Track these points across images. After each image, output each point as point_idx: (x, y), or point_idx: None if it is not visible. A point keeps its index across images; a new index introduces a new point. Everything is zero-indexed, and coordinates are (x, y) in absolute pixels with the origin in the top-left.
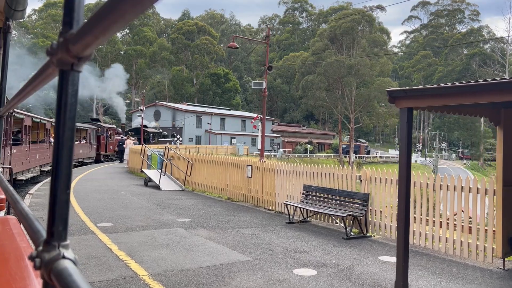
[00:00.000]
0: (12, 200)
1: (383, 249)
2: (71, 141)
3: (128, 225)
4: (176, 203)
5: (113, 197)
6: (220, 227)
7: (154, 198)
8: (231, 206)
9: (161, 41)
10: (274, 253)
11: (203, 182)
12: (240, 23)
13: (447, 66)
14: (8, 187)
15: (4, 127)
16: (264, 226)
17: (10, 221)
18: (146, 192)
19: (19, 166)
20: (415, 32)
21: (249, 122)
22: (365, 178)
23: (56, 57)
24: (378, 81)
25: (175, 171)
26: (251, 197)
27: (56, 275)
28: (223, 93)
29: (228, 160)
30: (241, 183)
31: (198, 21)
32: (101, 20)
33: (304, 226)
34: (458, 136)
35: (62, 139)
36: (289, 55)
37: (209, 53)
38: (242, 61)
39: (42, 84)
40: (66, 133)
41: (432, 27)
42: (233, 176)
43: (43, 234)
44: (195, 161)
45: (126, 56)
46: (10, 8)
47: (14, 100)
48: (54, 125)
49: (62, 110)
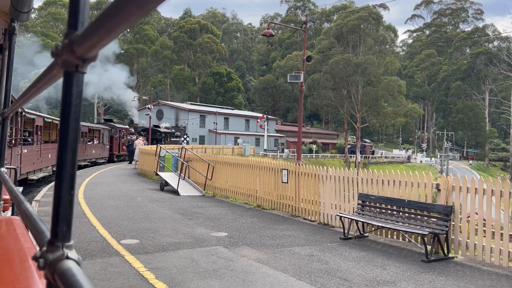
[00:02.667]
0: (17, 200)
1: (481, 276)
2: (75, 142)
3: (157, 241)
4: (201, 211)
5: (130, 204)
6: (267, 245)
7: (175, 206)
8: (265, 216)
9: (163, 39)
10: (354, 284)
11: (225, 187)
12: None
13: (451, 65)
14: (13, 188)
15: (13, 127)
16: (317, 243)
17: (14, 221)
18: (164, 198)
19: (30, 166)
20: (418, 31)
21: (253, 122)
22: (446, 187)
23: (61, 59)
24: (386, 80)
25: (192, 174)
26: (286, 205)
27: (60, 276)
28: (225, 92)
29: (258, 163)
30: (272, 189)
31: (201, 20)
32: (106, 22)
33: (364, 244)
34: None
35: (66, 140)
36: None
37: (212, 52)
38: (244, 60)
39: (47, 85)
40: (71, 134)
41: (436, 26)
42: (263, 180)
43: (47, 235)
44: (216, 163)
45: (127, 55)
46: (15, 9)
47: (19, 101)
48: (60, 125)
49: (66, 111)
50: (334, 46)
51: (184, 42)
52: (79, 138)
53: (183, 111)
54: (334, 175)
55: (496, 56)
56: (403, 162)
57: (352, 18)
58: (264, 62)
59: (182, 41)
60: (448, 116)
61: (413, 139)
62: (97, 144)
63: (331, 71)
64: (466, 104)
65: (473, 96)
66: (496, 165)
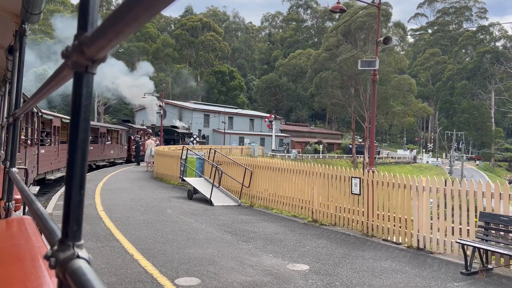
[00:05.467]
0: (28, 200)
1: None
2: (85, 142)
3: (224, 281)
4: (252, 229)
5: (162, 218)
6: (373, 286)
7: (216, 221)
8: (333, 236)
9: (164, 37)
10: None
11: (264, 195)
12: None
13: (457, 64)
14: (24, 188)
15: (31, 127)
16: (437, 279)
17: (26, 221)
18: (198, 209)
19: (47, 166)
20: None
21: (257, 121)
22: None
23: (70, 60)
24: (396, 78)
25: (223, 180)
26: (353, 220)
27: (71, 274)
28: (228, 91)
29: (313, 169)
30: (335, 201)
31: (203, 17)
32: (115, 23)
33: (497, 281)
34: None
35: (76, 140)
36: (295, 53)
37: (214, 50)
38: (245, 59)
39: (57, 86)
40: (80, 134)
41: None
42: (323, 190)
43: (58, 234)
44: (254, 168)
45: (127, 53)
46: (26, 11)
47: (30, 101)
48: (69, 125)
49: (76, 112)
50: (341, 43)
51: (186, 40)
52: (88, 138)
53: (187, 110)
54: (436, 187)
55: (503, 55)
56: (409, 163)
57: (361, 14)
58: (266, 61)
59: (184, 39)
60: (453, 116)
61: (418, 139)
62: (115, 144)
63: (340, 69)
64: (472, 104)
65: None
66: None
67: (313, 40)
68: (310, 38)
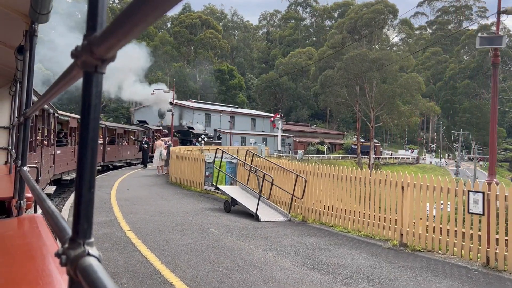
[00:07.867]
0: (39, 199)
1: None
2: (95, 142)
3: None
4: (336, 261)
5: (210, 243)
6: None
7: (280, 246)
8: (453, 273)
9: (162, 34)
10: None
11: (320, 209)
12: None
13: (458, 63)
14: (35, 186)
15: (47, 127)
16: None
17: (37, 219)
18: (246, 227)
19: (64, 167)
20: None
21: (259, 121)
22: None
23: (80, 60)
24: (404, 77)
25: (265, 188)
26: (467, 247)
27: (82, 272)
28: (227, 90)
29: (402, 178)
30: (436, 221)
31: (202, 14)
32: (124, 23)
33: None
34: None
35: (86, 139)
36: (295, 51)
37: (213, 48)
38: (244, 58)
39: (67, 86)
40: (90, 134)
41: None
42: (413, 206)
43: (68, 232)
44: (309, 176)
45: None
46: (35, 11)
47: (40, 101)
48: (79, 124)
49: (86, 111)
50: (346, 41)
51: (185, 37)
52: (98, 138)
53: (187, 109)
54: None
55: (506, 54)
56: (412, 163)
57: (367, 11)
58: (264, 60)
59: (182, 36)
60: (455, 116)
61: (421, 139)
62: (132, 145)
63: (346, 67)
64: (474, 103)
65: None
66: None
67: (312, 39)
68: (309, 37)
